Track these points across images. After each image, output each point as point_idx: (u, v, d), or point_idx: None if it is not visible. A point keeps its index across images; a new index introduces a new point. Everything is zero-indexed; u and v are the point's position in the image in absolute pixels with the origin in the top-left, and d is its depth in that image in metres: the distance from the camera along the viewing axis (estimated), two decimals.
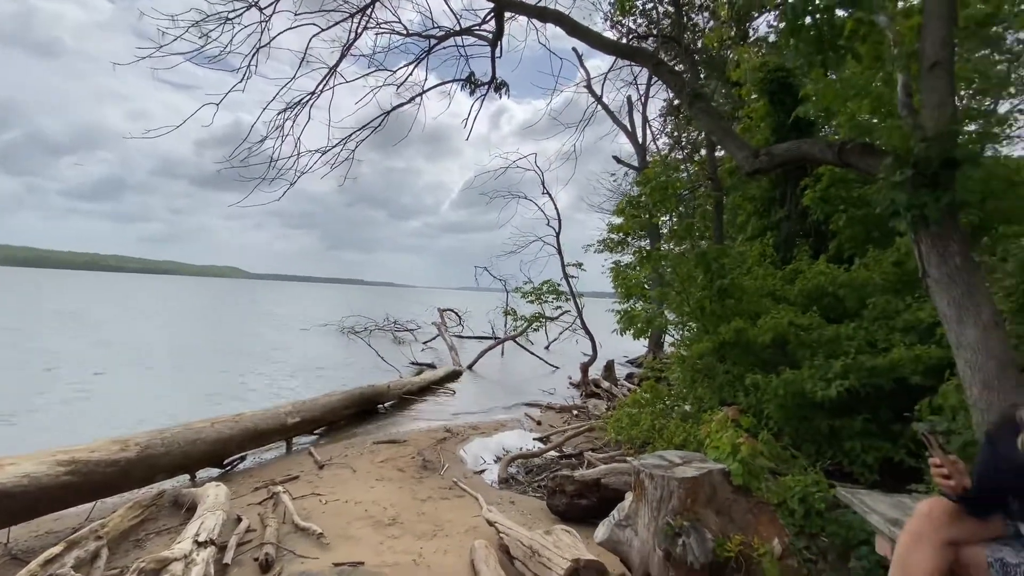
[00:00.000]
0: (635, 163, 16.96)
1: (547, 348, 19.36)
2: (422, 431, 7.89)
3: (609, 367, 12.68)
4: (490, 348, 16.47)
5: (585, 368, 13.06)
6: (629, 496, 3.64)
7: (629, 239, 13.65)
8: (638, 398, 6.64)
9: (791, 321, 5.16)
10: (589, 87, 14.81)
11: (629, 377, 13.40)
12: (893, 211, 3.08)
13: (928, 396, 3.67)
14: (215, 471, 5.82)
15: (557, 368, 15.67)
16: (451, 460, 6.50)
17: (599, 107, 15.36)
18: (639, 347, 16.95)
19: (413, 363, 14.68)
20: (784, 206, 9.07)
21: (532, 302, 15.50)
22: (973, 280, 2.96)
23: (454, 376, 13.29)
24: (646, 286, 7.97)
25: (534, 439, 7.98)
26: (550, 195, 15.30)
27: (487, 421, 8.96)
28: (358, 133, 5.92)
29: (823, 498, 3.23)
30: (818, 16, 3.37)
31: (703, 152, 12.40)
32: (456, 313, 22.34)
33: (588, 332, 14.72)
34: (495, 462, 6.57)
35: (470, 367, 15.14)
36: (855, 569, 2.92)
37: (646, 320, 6.59)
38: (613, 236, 14.14)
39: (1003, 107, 10.88)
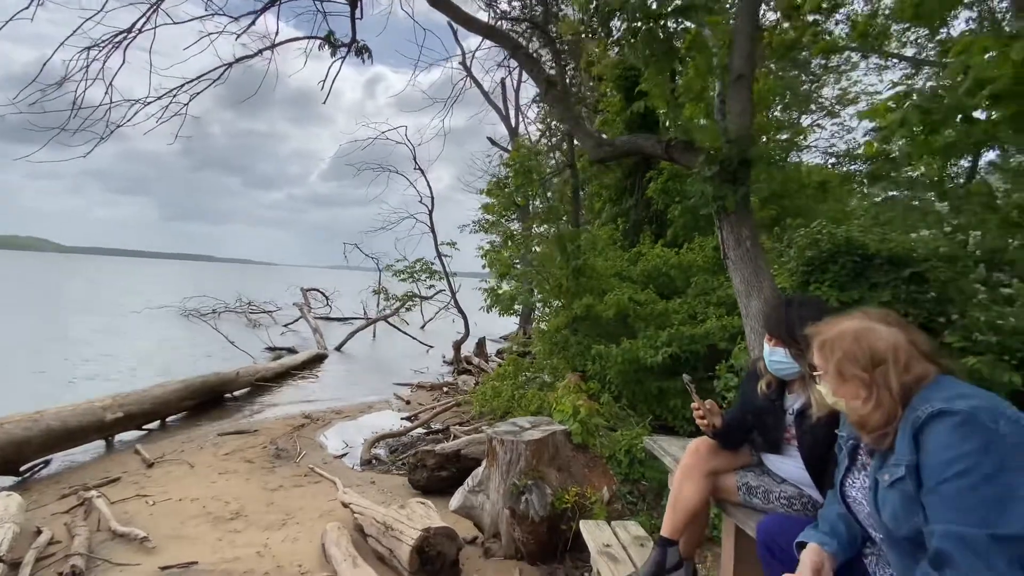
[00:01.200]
0: (509, 146, 17.34)
1: (423, 328, 19.19)
2: (278, 419, 7.37)
3: (480, 344, 13.03)
4: (360, 329, 15.84)
5: (457, 346, 13.26)
6: (484, 463, 3.83)
7: (503, 220, 14.02)
8: (501, 371, 6.95)
9: (630, 297, 5.79)
10: (463, 64, 14.68)
11: (500, 353, 13.91)
12: (703, 201, 3.60)
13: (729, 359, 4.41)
14: (9, 480, 4.86)
15: (431, 347, 15.65)
16: (310, 446, 6.20)
17: (475, 86, 15.37)
18: (513, 324, 17.62)
19: (270, 348, 13.54)
20: (633, 195, 10.05)
21: (405, 281, 15.17)
22: (759, 262, 3.61)
23: (318, 360, 12.57)
24: (517, 266, 8.30)
25: (402, 419, 7.93)
26: (422, 171, 14.98)
27: (353, 404, 8.67)
28: (192, 84, 5.18)
29: (643, 449, 3.73)
30: (651, 22, 3.75)
31: None
32: (322, 293, 20.99)
33: (461, 311, 14.87)
34: (362, 445, 6.42)
35: (338, 349, 14.44)
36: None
37: (510, 297, 6.89)
38: (488, 216, 14.38)
39: (806, 121, 13.26)
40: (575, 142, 10.45)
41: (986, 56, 2.31)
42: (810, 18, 6.86)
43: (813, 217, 7.17)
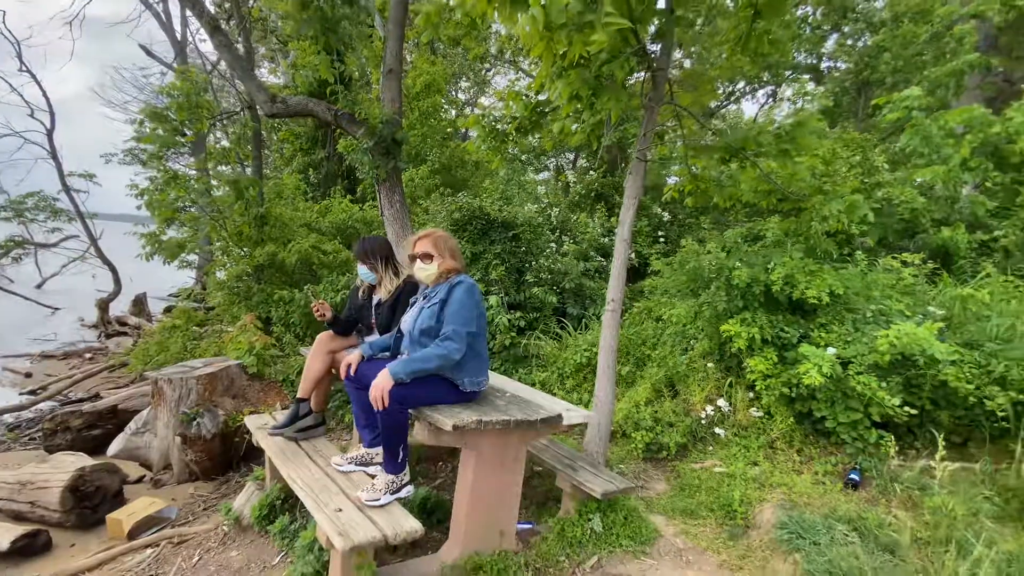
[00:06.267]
0: (174, 62, 14.38)
1: (40, 286, 14.58)
2: None
3: (139, 301, 11.11)
4: None
5: (104, 305, 10.91)
6: (148, 409, 3.88)
7: (165, 156, 11.80)
8: (168, 324, 6.47)
9: (313, 246, 6.31)
10: None
11: (169, 311, 12.10)
12: (365, 168, 4.44)
13: None
14: None
15: (58, 309, 12.28)
16: None
17: None
18: (189, 278, 15.18)
19: None
20: (325, 148, 10.26)
21: (9, 221, 11.11)
22: (405, 220, 4.72)
23: None
24: (188, 209, 7.47)
25: (21, 394, 6.41)
26: (33, 75, 11.09)
27: None
28: None
29: None
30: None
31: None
32: None
33: (108, 262, 12.03)
34: None
35: None
36: None
37: (177, 245, 6.38)
38: (146, 147, 11.76)
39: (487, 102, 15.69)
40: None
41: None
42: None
43: (476, 188, 9.11)
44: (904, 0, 8.98)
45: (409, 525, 1.84)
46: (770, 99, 13.04)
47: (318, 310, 2.71)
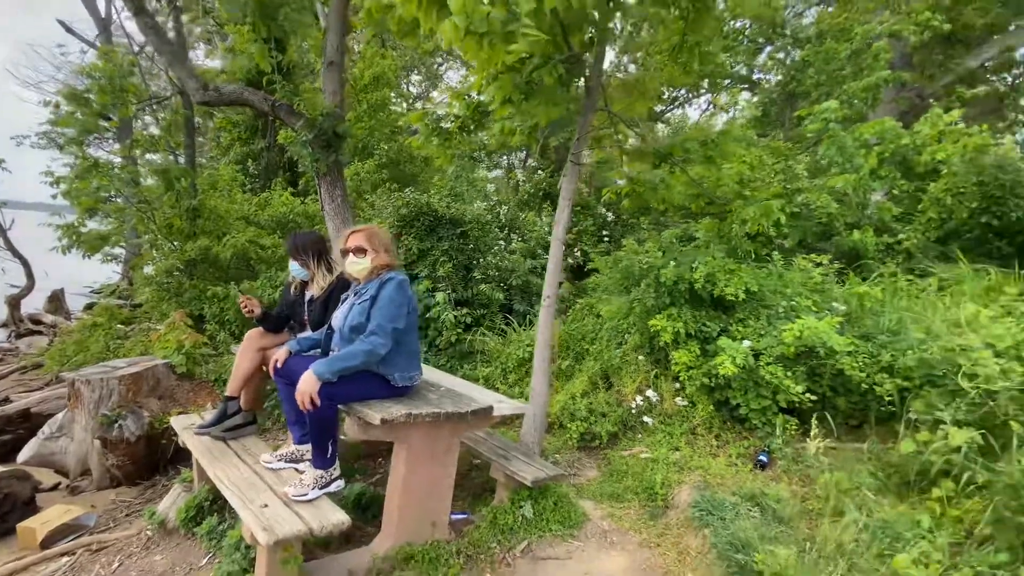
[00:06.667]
0: (96, 40, 13.32)
1: None
2: None
3: (55, 298, 10.32)
4: None
5: (15, 302, 10.03)
6: (66, 408, 3.65)
7: (91, 137, 10.91)
8: (89, 323, 6.06)
9: (250, 240, 6.09)
10: None
11: (91, 308, 11.26)
12: (305, 161, 4.33)
13: None
14: None
15: None
16: None
17: None
18: (114, 273, 14.13)
19: None
20: (265, 138, 9.85)
21: None
22: (347, 215, 4.65)
23: None
24: (113, 200, 6.99)
25: None
26: None
27: None
28: None
29: None
30: None
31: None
32: None
33: (18, 255, 11.01)
34: None
35: None
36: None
37: (99, 237, 5.98)
38: (66, 131, 10.79)
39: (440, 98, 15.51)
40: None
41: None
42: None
43: (424, 183, 9.03)
44: (828, 18, 9.68)
45: (336, 518, 1.86)
46: (710, 106, 13.70)
47: (246, 306, 2.66)
